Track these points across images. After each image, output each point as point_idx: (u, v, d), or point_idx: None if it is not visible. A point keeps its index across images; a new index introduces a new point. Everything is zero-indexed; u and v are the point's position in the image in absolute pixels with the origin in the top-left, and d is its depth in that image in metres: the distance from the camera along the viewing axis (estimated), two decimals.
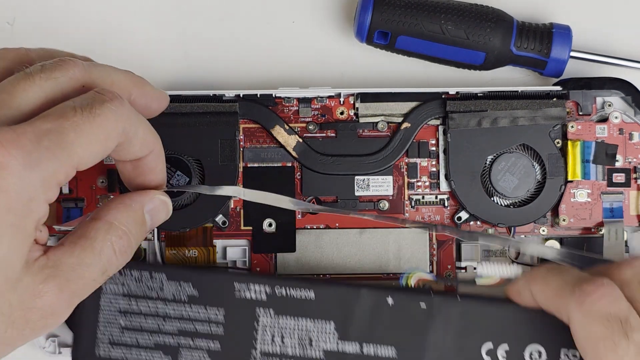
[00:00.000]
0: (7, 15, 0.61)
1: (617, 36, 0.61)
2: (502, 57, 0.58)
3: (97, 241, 0.45)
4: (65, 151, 0.42)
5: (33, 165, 0.41)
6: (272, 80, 0.60)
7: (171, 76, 0.61)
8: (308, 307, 0.53)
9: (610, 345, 0.45)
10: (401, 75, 0.61)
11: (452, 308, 0.52)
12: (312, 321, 0.53)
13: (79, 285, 0.44)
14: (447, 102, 0.57)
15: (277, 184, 0.58)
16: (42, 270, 0.43)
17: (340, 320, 0.52)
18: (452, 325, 0.52)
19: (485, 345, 0.52)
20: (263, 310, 0.53)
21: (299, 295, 0.53)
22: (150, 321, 0.54)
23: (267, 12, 0.61)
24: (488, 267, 0.56)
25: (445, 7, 0.57)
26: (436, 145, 0.58)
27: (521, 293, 0.51)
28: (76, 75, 0.45)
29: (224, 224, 0.58)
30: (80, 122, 0.43)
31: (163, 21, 0.61)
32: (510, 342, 0.51)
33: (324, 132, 0.58)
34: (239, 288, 0.53)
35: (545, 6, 0.61)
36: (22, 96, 0.43)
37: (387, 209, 0.58)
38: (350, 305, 0.52)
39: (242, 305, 0.53)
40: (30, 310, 0.43)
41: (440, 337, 0.52)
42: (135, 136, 0.46)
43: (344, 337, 0.52)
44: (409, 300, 0.52)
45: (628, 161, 0.57)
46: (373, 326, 0.52)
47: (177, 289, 0.54)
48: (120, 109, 0.44)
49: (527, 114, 0.57)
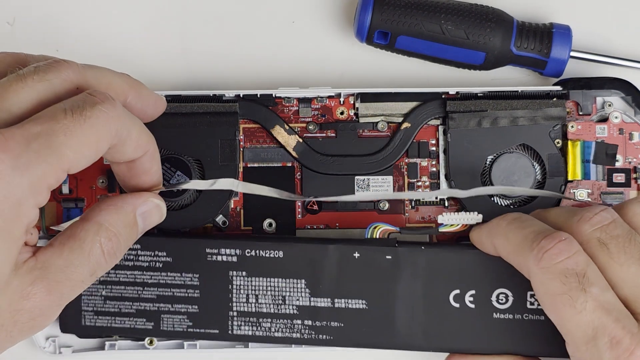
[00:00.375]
0: (7, 15, 0.61)
1: (617, 36, 0.61)
2: (502, 57, 0.58)
3: (86, 242, 0.45)
4: (55, 154, 0.42)
5: (22, 169, 0.41)
6: (272, 80, 0.60)
7: (171, 76, 0.60)
8: (278, 266, 0.55)
9: (568, 300, 0.46)
10: (401, 75, 0.61)
11: (417, 257, 0.54)
12: (284, 280, 0.55)
13: (67, 286, 0.44)
14: (447, 102, 0.57)
15: (277, 184, 0.57)
16: (31, 272, 0.43)
17: (311, 277, 0.54)
18: (418, 275, 0.54)
19: (453, 292, 0.54)
20: (236, 273, 0.55)
21: (269, 255, 0.55)
22: (130, 289, 0.56)
23: (267, 12, 0.61)
24: (450, 215, 0.56)
25: (445, 7, 0.57)
26: (436, 145, 0.58)
27: (484, 244, 0.53)
28: (70, 77, 0.45)
29: (224, 224, 0.58)
30: (71, 125, 0.42)
31: (163, 21, 0.61)
32: (477, 288, 0.54)
33: (324, 132, 0.58)
34: (211, 253, 0.55)
35: (545, 6, 0.61)
36: (14, 98, 0.43)
37: (387, 209, 0.58)
38: (319, 262, 0.54)
39: (215, 269, 0.55)
40: (19, 312, 0.43)
41: (408, 287, 0.54)
42: (128, 138, 0.46)
43: (316, 293, 0.54)
44: (374, 252, 0.54)
45: (628, 161, 0.57)
46: (342, 280, 0.55)
47: (152, 257, 0.55)
48: (112, 110, 0.44)
49: (527, 114, 0.57)
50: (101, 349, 0.57)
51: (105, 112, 0.44)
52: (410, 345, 0.54)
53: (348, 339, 0.55)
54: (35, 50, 0.55)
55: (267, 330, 0.55)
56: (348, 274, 0.54)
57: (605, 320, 0.46)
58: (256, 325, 0.55)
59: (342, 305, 0.55)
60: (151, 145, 0.48)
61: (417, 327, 0.54)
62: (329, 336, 0.55)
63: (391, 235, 0.56)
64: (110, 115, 0.44)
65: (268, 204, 0.57)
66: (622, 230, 0.49)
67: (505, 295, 0.54)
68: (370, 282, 0.54)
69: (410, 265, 0.54)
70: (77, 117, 0.43)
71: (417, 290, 0.54)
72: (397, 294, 0.54)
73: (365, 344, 0.55)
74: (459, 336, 0.54)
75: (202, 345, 0.57)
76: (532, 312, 0.54)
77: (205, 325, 0.56)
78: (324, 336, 0.55)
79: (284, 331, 0.55)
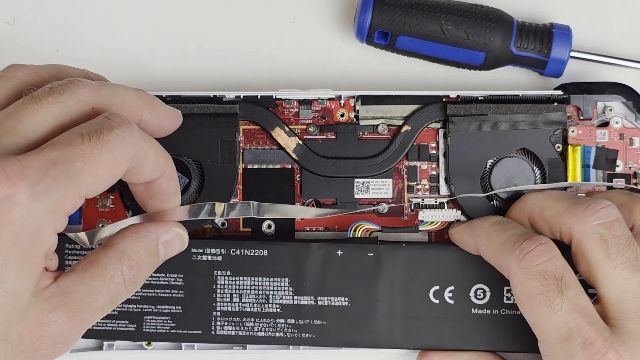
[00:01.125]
0: (7, 15, 0.60)
1: (617, 36, 0.61)
2: (502, 57, 0.58)
3: (108, 269, 0.46)
4: (73, 180, 0.42)
5: (40, 197, 0.41)
6: (272, 81, 0.60)
7: (171, 77, 0.60)
8: (262, 266, 0.55)
9: (545, 300, 0.48)
10: (401, 75, 0.61)
11: (398, 255, 0.55)
12: (268, 279, 0.56)
13: (87, 313, 0.44)
14: (447, 105, 0.57)
15: (277, 186, 0.58)
16: (52, 298, 0.43)
17: (294, 276, 0.55)
18: (399, 271, 0.55)
19: (433, 288, 0.55)
20: (220, 272, 0.56)
21: (253, 254, 0.55)
22: None
23: (267, 12, 0.61)
24: (430, 212, 0.57)
25: (445, 7, 0.57)
26: (436, 149, 0.58)
27: (465, 243, 0.55)
28: (85, 98, 0.45)
29: (223, 225, 0.58)
30: (89, 150, 0.42)
31: (163, 21, 0.61)
32: (456, 284, 0.55)
33: (324, 134, 0.58)
34: (196, 252, 0.55)
35: (545, 6, 0.61)
36: (29, 122, 0.43)
37: (387, 212, 0.58)
38: (303, 261, 0.55)
39: (200, 269, 0.56)
40: (39, 339, 0.43)
41: (389, 283, 0.55)
42: (145, 160, 0.46)
43: (299, 292, 0.55)
44: (357, 250, 0.55)
45: (628, 166, 0.57)
46: (325, 278, 0.55)
47: None
48: (129, 135, 0.44)
49: (528, 118, 0.57)
50: (99, 349, 0.57)
51: (123, 137, 0.43)
52: (391, 342, 0.56)
53: (330, 337, 0.56)
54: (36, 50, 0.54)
55: (250, 329, 0.56)
56: (331, 272, 0.55)
57: (579, 322, 0.48)
58: (239, 325, 0.56)
59: (325, 303, 0.55)
60: (168, 166, 0.48)
61: (398, 323, 0.55)
62: (311, 334, 0.55)
63: (372, 233, 0.57)
64: (128, 140, 0.44)
65: None
66: (624, 232, 0.50)
67: (483, 290, 0.55)
68: (353, 279, 0.55)
69: (392, 262, 0.55)
70: (94, 142, 0.42)
71: (398, 287, 0.55)
72: (378, 290, 0.55)
73: (347, 342, 0.56)
74: (439, 333, 0.55)
75: (200, 347, 0.57)
76: (508, 307, 0.55)
77: (189, 326, 0.56)
78: (307, 334, 0.56)
79: (267, 330, 0.56)
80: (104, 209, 0.57)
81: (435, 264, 0.55)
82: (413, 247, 0.56)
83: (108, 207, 0.57)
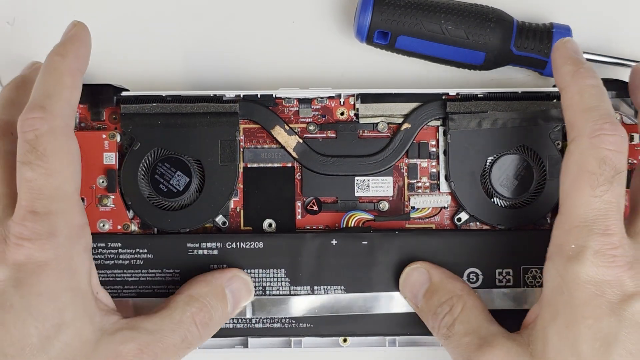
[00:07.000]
0: (7, 15, 0.61)
1: (617, 36, 0.61)
2: (502, 57, 0.58)
3: (176, 311, 0.50)
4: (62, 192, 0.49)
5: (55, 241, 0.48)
6: (272, 80, 0.61)
7: (171, 76, 0.61)
8: (259, 257, 0.56)
9: (593, 181, 0.48)
10: (401, 75, 0.61)
11: (392, 242, 0.56)
12: (264, 271, 0.56)
13: (158, 348, 0.48)
14: (447, 103, 0.57)
15: (278, 185, 0.58)
16: (120, 331, 0.47)
17: (290, 267, 0.56)
18: (393, 258, 0.56)
19: None
20: (216, 266, 0.56)
21: (249, 246, 0.56)
22: (110, 289, 0.56)
23: (267, 12, 0.61)
24: (421, 198, 0.57)
25: (445, 7, 0.57)
26: (436, 146, 0.58)
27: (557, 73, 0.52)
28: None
29: (224, 224, 0.58)
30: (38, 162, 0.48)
31: (163, 21, 0.61)
32: (448, 268, 0.55)
33: (324, 132, 0.58)
34: (192, 247, 0.56)
35: (545, 6, 0.61)
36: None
37: (387, 209, 0.58)
38: (298, 251, 0.56)
39: (197, 263, 0.56)
40: None
41: (383, 270, 0.56)
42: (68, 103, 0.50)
43: (295, 282, 0.56)
44: (351, 238, 0.56)
45: (628, 162, 0.57)
46: (321, 267, 0.56)
47: (133, 255, 0.56)
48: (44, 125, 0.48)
49: (528, 115, 0.57)
50: None
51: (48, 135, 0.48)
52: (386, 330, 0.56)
53: (326, 327, 0.56)
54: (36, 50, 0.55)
55: (248, 322, 0.56)
56: (326, 261, 0.56)
57: (611, 213, 0.48)
58: (237, 317, 0.56)
59: (321, 292, 0.56)
60: None
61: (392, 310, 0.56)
62: (309, 324, 0.56)
63: (366, 222, 0.57)
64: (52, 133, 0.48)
65: (268, 204, 0.58)
66: None
67: (476, 274, 0.56)
68: (348, 267, 0.56)
69: (385, 249, 0.56)
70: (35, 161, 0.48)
71: (391, 273, 0.56)
72: (372, 277, 0.56)
73: (343, 332, 0.56)
74: None
75: (202, 345, 0.57)
76: (501, 289, 0.56)
77: None
78: (305, 324, 0.56)
79: (264, 322, 0.56)
80: (105, 208, 0.57)
81: (428, 250, 0.56)
82: (406, 234, 0.56)
83: (109, 207, 0.57)
